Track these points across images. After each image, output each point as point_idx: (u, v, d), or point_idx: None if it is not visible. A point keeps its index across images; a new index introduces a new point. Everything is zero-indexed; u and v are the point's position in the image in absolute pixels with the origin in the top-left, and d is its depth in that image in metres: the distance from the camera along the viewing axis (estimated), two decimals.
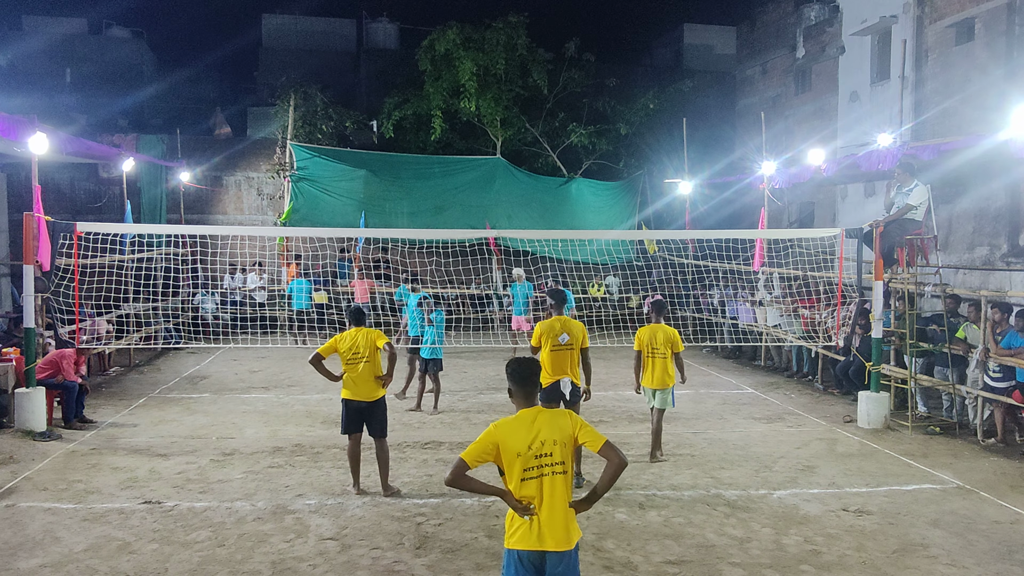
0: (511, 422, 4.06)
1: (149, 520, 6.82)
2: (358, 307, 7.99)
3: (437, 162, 22.02)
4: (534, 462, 3.95)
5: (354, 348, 7.46)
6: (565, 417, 4.09)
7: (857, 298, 11.85)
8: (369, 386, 7.49)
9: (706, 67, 27.26)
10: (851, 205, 19.17)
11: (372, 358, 7.49)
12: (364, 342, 7.49)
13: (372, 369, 7.49)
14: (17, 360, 10.18)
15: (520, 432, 4.00)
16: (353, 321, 7.74)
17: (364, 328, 7.68)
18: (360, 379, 7.46)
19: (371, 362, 7.47)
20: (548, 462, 3.96)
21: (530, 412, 4.09)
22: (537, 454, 3.95)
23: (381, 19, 27.36)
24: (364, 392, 7.49)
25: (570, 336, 7.78)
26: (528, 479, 3.95)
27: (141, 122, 25.08)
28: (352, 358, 7.46)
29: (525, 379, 4.15)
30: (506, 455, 3.97)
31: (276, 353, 16.03)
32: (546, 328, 7.82)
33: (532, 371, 4.20)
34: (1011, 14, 14.78)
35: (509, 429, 4.02)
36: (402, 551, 6.27)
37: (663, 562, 6.11)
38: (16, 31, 26.68)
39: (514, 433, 3.99)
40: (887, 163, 11.81)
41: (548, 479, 3.96)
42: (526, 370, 4.17)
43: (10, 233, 18.58)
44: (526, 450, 3.95)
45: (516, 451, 3.95)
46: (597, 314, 17.01)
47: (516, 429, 4.01)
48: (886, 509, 7.27)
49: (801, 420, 11.03)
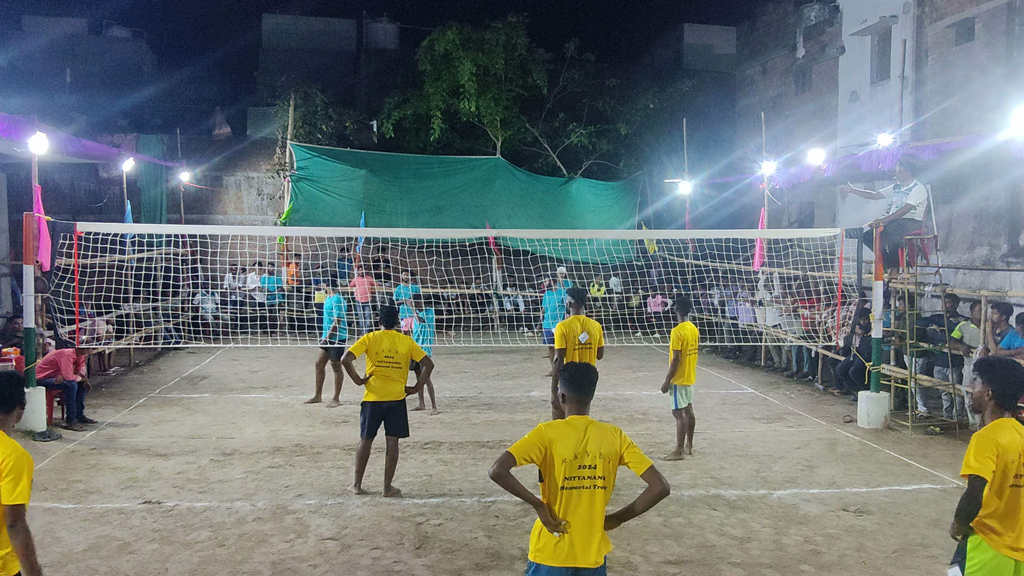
0: (562, 425, 3.93)
1: (149, 520, 6.82)
2: (391, 308, 8.00)
3: (437, 162, 22.02)
4: (577, 472, 3.81)
5: (391, 352, 7.43)
6: (615, 433, 3.96)
7: (857, 298, 11.86)
8: (397, 386, 7.50)
9: (706, 67, 27.25)
10: (851, 205, 19.16)
11: (406, 366, 7.53)
12: (404, 350, 7.51)
13: (402, 376, 7.52)
14: (17, 360, 10.18)
15: (571, 438, 3.85)
16: (385, 322, 7.70)
17: (398, 333, 7.67)
18: (389, 382, 7.45)
19: (403, 369, 7.51)
20: (591, 474, 3.83)
21: (581, 420, 3.95)
22: (582, 464, 3.82)
23: (381, 19, 27.36)
24: (391, 392, 7.47)
25: (589, 335, 7.94)
26: (568, 488, 3.81)
27: (141, 122, 25.07)
28: (385, 361, 7.42)
29: (583, 386, 4.01)
30: (553, 459, 3.82)
31: (276, 353, 16.02)
32: (567, 328, 7.92)
33: (590, 378, 4.06)
34: (1011, 14, 14.78)
35: (560, 432, 3.87)
36: (402, 551, 6.27)
37: (663, 562, 6.11)
38: (16, 31, 26.67)
39: (565, 437, 3.85)
40: (887, 163, 11.81)
41: (588, 492, 3.83)
42: (585, 377, 4.04)
43: (10, 233, 18.58)
44: (572, 458, 3.81)
45: (563, 456, 3.81)
46: (598, 314, 17.01)
47: (567, 434, 3.87)
48: (886, 509, 7.27)
49: (801, 420, 11.03)
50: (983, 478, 3.72)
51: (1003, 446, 3.76)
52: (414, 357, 7.60)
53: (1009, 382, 3.90)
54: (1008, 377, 3.91)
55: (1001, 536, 3.81)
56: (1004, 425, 3.86)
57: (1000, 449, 3.75)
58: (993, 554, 3.81)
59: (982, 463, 3.73)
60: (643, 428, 10.33)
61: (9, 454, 3.72)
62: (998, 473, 3.75)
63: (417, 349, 7.65)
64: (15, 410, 4.00)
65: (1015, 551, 3.81)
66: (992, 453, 3.74)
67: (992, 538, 3.82)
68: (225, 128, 23.05)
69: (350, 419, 10.76)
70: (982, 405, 4.01)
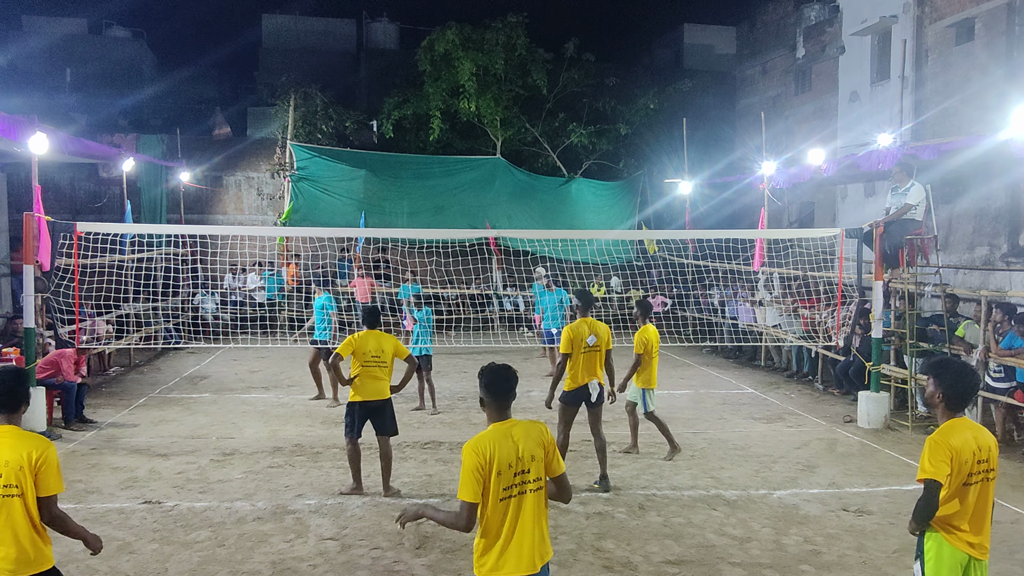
0: (490, 437, 3.71)
1: (149, 520, 6.82)
2: (374, 308, 7.98)
3: (437, 162, 22.02)
4: (515, 479, 3.67)
5: (377, 352, 7.44)
6: (539, 427, 3.83)
7: (857, 298, 11.86)
8: (382, 385, 7.52)
9: (706, 67, 27.24)
10: (851, 205, 19.16)
11: (391, 365, 7.56)
12: (390, 349, 7.52)
13: (388, 375, 7.55)
14: (17, 360, 10.18)
15: (505, 447, 3.67)
16: (368, 322, 7.70)
17: (383, 333, 7.67)
18: (376, 381, 7.47)
19: (389, 368, 7.54)
20: (528, 478, 3.70)
21: (505, 425, 3.79)
22: (516, 471, 3.67)
23: (381, 19, 27.37)
24: (376, 391, 7.49)
25: (597, 338, 7.70)
26: (507, 498, 3.66)
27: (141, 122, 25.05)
28: (372, 361, 7.43)
29: (504, 391, 3.83)
30: (490, 475, 3.64)
31: (276, 353, 16.02)
32: (574, 332, 7.67)
33: (511, 381, 3.88)
34: (1011, 14, 14.78)
35: (493, 444, 3.67)
36: (402, 551, 6.27)
37: (663, 562, 6.11)
38: (16, 31, 26.66)
39: (500, 448, 3.67)
40: (887, 163, 11.80)
41: (530, 496, 3.71)
42: (504, 380, 3.85)
43: (10, 233, 18.58)
44: (507, 468, 3.64)
45: (498, 470, 3.63)
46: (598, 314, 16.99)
47: (501, 444, 3.68)
48: (886, 509, 7.27)
49: (801, 420, 11.03)
50: (938, 482, 3.80)
51: (956, 448, 3.84)
52: (399, 356, 7.59)
53: (959, 384, 3.97)
54: (958, 380, 3.97)
55: (958, 532, 3.91)
56: (956, 426, 3.94)
57: (954, 451, 3.83)
58: (949, 549, 3.91)
59: (937, 467, 3.81)
60: (643, 428, 10.29)
61: (42, 449, 3.84)
62: (953, 474, 3.84)
63: (402, 348, 7.64)
64: (23, 406, 4.06)
65: (972, 547, 3.91)
66: (946, 457, 3.82)
67: (948, 533, 3.92)
68: (225, 128, 23.05)
69: None
70: (933, 406, 4.10)
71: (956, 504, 3.88)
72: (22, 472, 3.76)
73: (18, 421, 4.00)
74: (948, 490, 3.84)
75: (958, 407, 3.99)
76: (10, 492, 3.76)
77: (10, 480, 3.76)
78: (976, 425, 4.06)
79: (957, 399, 3.97)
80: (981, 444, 3.92)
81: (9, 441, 3.83)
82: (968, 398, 4.03)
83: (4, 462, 3.77)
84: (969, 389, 4.00)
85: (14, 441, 3.83)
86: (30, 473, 3.77)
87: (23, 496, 3.77)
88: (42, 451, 3.82)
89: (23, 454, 3.78)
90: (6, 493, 3.76)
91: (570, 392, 7.70)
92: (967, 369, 4.11)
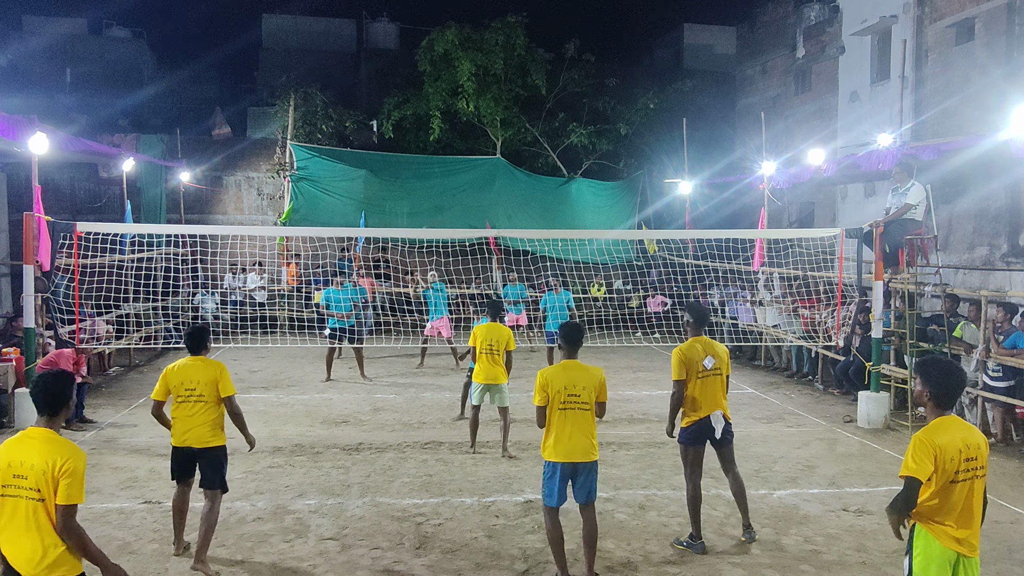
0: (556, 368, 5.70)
1: (149, 520, 6.82)
2: (201, 327, 6.33)
3: (437, 162, 22.02)
4: (568, 398, 5.57)
5: (190, 384, 6.00)
6: (596, 370, 5.75)
7: (857, 298, 11.85)
8: (200, 428, 6.08)
9: (706, 67, 27.26)
10: (851, 205, 19.17)
11: (212, 399, 6.03)
12: (206, 379, 6.00)
13: (208, 413, 6.05)
14: (17, 360, 10.19)
15: (562, 376, 5.63)
16: (190, 347, 6.20)
17: (207, 359, 6.18)
18: (190, 421, 6.04)
19: (210, 404, 6.03)
20: (579, 400, 5.57)
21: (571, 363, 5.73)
22: (571, 393, 5.57)
23: (381, 19, 27.39)
24: (194, 436, 6.06)
25: (716, 359, 6.36)
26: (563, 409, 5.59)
27: (141, 122, 25.08)
28: (185, 395, 6.00)
29: (576, 340, 5.82)
30: (550, 391, 5.59)
31: (276, 353, 16.02)
32: (687, 354, 6.30)
33: (580, 334, 5.89)
34: (1011, 14, 14.78)
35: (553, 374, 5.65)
36: (402, 551, 6.27)
37: (663, 562, 6.11)
38: (16, 31, 26.68)
39: (557, 376, 5.63)
40: (887, 163, 11.81)
41: (575, 412, 5.58)
42: (576, 334, 5.86)
43: (10, 233, 18.57)
44: (563, 389, 5.57)
45: (556, 389, 5.57)
46: (599, 314, 17.01)
47: (557, 373, 5.65)
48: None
49: (801, 420, 11.03)
50: (918, 479, 3.88)
51: (941, 446, 3.89)
52: (222, 390, 5.95)
53: (945, 383, 4.03)
54: (944, 378, 4.03)
55: (944, 528, 3.96)
56: (944, 424, 3.99)
57: (938, 449, 3.88)
58: (938, 546, 3.95)
59: (919, 465, 3.88)
60: (643, 428, 10.33)
61: (68, 457, 3.81)
62: (938, 472, 3.89)
63: (226, 381, 5.98)
64: (63, 410, 4.04)
65: (960, 543, 3.95)
66: (930, 455, 3.88)
67: (936, 529, 3.96)
68: (225, 128, 23.06)
69: (350, 419, 10.77)
70: (922, 404, 4.18)
71: (942, 501, 3.93)
72: (45, 477, 3.75)
73: (58, 425, 4.00)
74: (933, 487, 3.90)
75: (946, 405, 4.04)
76: (33, 496, 3.77)
77: (35, 484, 3.76)
78: (965, 423, 4.11)
79: (944, 397, 4.03)
80: (969, 442, 3.96)
81: (41, 446, 3.83)
82: (955, 395, 4.09)
83: (31, 465, 3.77)
84: (956, 386, 4.06)
85: (45, 446, 3.83)
86: (52, 480, 3.76)
87: (44, 502, 3.77)
88: (68, 459, 3.80)
89: (50, 460, 3.77)
90: (31, 496, 3.77)
91: (688, 428, 6.37)
92: (953, 367, 4.16)
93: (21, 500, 3.79)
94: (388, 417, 10.83)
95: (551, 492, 5.61)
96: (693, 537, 6.33)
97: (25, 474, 3.78)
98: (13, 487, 3.80)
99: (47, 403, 3.96)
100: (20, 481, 3.79)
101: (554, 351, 13.87)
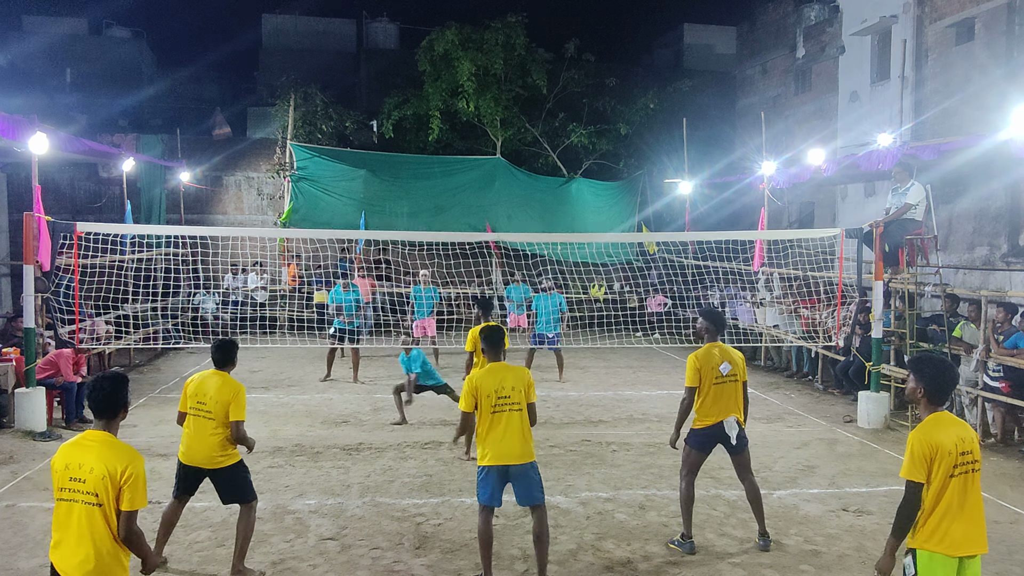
0: (484, 372, 5.65)
1: (149, 520, 6.80)
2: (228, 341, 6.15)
3: (437, 162, 22.00)
4: (499, 401, 5.51)
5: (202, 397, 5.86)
6: (523, 370, 5.76)
7: (857, 298, 11.85)
8: (206, 446, 5.88)
9: (706, 67, 27.25)
10: (851, 205, 19.16)
11: (221, 417, 5.80)
12: (222, 397, 5.77)
13: (216, 431, 5.83)
14: (17, 360, 10.18)
15: (490, 379, 5.59)
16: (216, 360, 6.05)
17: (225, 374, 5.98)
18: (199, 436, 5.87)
19: (218, 422, 5.80)
20: (509, 402, 5.53)
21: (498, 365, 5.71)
22: (500, 395, 5.53)
23: (381, 19, 27.37)
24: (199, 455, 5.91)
25: (732, 365, 6.28)
26: (495, 412, 5.53)
27: (141, 122, 25.08)
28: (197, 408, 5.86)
29: (498, 342, 5.84)
30: (480, 395, 5.57)
31: (276, 353, 16.02)
32: (702, 360, 6.25)
33: (501, 335, 5.87)
34: (1011, 14, 14.77)
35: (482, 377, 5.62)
36: (402, 551, 6.28)
37: (663, 562, 6.11)
38: (16, 31, 26.69)
39: (485, 379, 5.60)
40: (887, 163, 11.81)
41: (507, 414, 5.54)
42: (497, 335, 5.85)
43: (10, 233, 18.58)
44: (493, 392, 5.53)
45: (486, 393, 5.53)
46: (599, 314, 17.00)
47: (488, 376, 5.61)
48: (886, 509, 7.27)
49: (801, 420, 11.03)
50: (920, 482, 3.97)
51: (939, 443, 3.95)
52: (232, 414, 5.73)
53: (939, 379, 4.07)
54: (938, 375, 4.08)
55: (947, 533, 3.99)
56: (939, 420, 4.05)
57: (937, 447, 3.94)
58: (940, 558, 4.00)
59: (918, 466, 3.95)
60: (643, 428, 10.33)
61: (129, 463, 3.82)
62: (937, 469, 3.94)
63: (239, 405, 5.75)
64: (121, 412, 4.06)
65: (965, 543, 3.99)
66: (928, 454, 3.94)
67: (936, 544, 4.00)
68: (225, 128, 23.06)
69: (350, 419, 10.77)
70: (915, 401, 4.21)
71: (942, 498, 3.96)
72: (104, 483, 3.74)
73: (115, 428, 4.00)
74: (935, 484, 3.95)
75: (939, 401, 4.10)
76: (90, 500, 3.75)
77: (93, 488, 3.75)
78: (958, 420, 4.18)
79: (938, 393, 4.08)
80: (963, 437, 4.02)
81: (100, 450, 3.82)
82: (948, 391, 4.14)
83: (90, 469, 3.76)
84: (949, 383, 4.11)
85: (106, 451, 3.83)
86: (113, 487, 3.75)
87: (103, 507, 3.76)
88: (129, 464, 3.80)
89: (111, 466, 3.77)
90: (88, 500, 3.75)
91: (700, 431, 6.28)
92: (946, 364, 4.20)
93: (76, 504, 3.77)
94: (388, 417, 10.82)
95: (483, 492, 5.59)
96: (684, 536, 6.36)
97: (83, 477, 3.76)
98: (69, 490, 3.78)
99: (105, 407, 3.96)
100: (77, 485, 3.77)
101: (534, 353, 13.86)
